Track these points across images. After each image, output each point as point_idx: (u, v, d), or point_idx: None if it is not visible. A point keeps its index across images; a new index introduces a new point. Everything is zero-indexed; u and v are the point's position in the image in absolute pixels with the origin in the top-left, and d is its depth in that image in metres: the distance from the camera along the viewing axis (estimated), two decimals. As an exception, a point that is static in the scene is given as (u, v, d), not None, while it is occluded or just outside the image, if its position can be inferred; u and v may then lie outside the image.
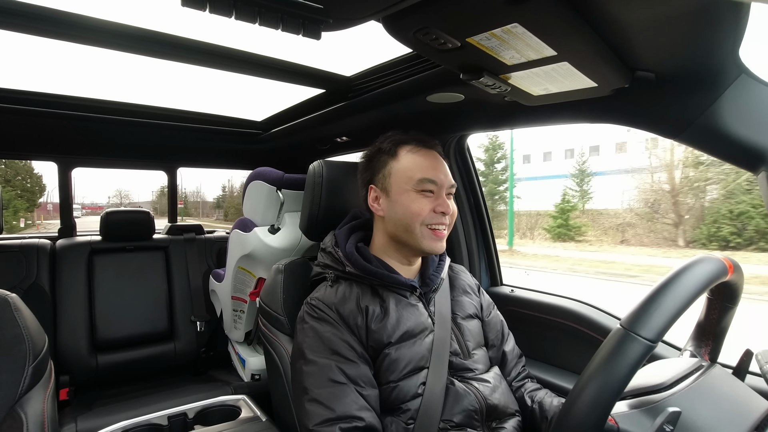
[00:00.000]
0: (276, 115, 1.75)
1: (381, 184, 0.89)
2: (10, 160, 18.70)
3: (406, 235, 0.86)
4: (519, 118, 1.09)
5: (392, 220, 0.87)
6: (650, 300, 0.49)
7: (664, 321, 0.48)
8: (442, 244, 0.87)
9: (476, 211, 1.44)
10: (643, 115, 0.83)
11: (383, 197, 0.89)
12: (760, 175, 0.69)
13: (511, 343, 0.99)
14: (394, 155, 0.88)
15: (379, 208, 0.89)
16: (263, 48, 1.07)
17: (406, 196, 0.85)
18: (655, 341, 0.47)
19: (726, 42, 0.60)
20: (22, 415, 0.70)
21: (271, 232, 1.51)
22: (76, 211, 16.17)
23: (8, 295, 0.77)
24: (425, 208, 0.84)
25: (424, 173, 0.85)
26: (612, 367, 0.46)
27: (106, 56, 1.05)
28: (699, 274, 0.52)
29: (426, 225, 0.84)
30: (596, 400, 0.46)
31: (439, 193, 0.85)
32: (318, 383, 0.74)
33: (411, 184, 0.85)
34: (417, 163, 0.86)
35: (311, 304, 0.84)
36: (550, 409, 0.85)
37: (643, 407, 0.54)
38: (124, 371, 1.82)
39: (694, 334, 0.70)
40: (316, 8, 0.60)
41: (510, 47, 0.64)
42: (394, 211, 0.87)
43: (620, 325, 0.49)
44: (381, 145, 0.91)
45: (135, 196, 50.30)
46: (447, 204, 0.85)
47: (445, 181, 0.86)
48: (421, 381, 0.80)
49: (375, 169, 0.90)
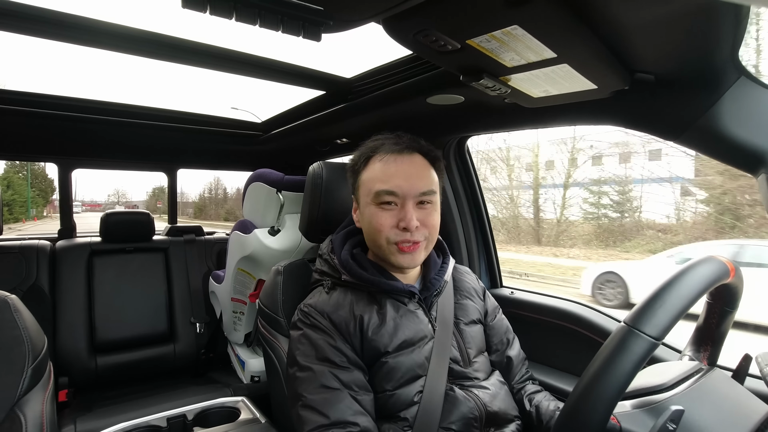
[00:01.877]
0: (276, 117, 1.75)
1: (356, 195, 0.88)
2: (32, 167, 22.47)
3: (376, 250, 0.84)
4: (519, 120, 1.09)
5: (365, 233, 0.86)
6: (654, 298, 0.50)
7: (667, 319, 0.48)
8: (414, 257, 0.81)
9: (476, 213, 1.44)
10: (642, 117, 0.84)
11: (358, 209, 0.87)
12: (759, 178, 0.69)
13: (516, 348, 0.97)
14: (364, 165, 0.85)
15: (357, 220, 0.89)
16: (263, 50, 1.07)
17: (368, 210, 0.82)
18: (659, 339, 0.47)
19: (725, 44, 0.60)
20: (21, 417, 0.70)
21: (271, 233, 1.51)
22: (76, 208, 16.23)
23: (8, 296, 0.77)
24: (385, 224, 0.79)
25: (383, 184, 0.80)
26: (616, 363, 0.46)
27: (107, 58, 1.07)
28: (702, 274, 0.53)
29: (392, 242, 0.80)
30: (600, 396, 0.46)
31: (403, 204, 0.79)
32: (311, 389, 0.74)
33: (370, 197, 0.82)
34: (377, 173, 0.81)
35: (304, 311, 0.83)
36: (546, 413, 0.84)
37: (645, 407, 0.54)
38: (124, 373, 1.82)
39: (692, 339, 0.69)
40: (316, 10, 0.60)
41: (510, 49, 0.64)
42: (363, 224, 0.85)
43: (624, 322, 0.49)
44: (360, 153, 0.88)
45: (131, 196, 50.91)
46: (410, 217, 0.78)
47: (408, 190, 0.79)
48: (419, 389, 0.78)
49: (353, 180, 0.89)
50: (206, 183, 43.98)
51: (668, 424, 0.47)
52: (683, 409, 0.48)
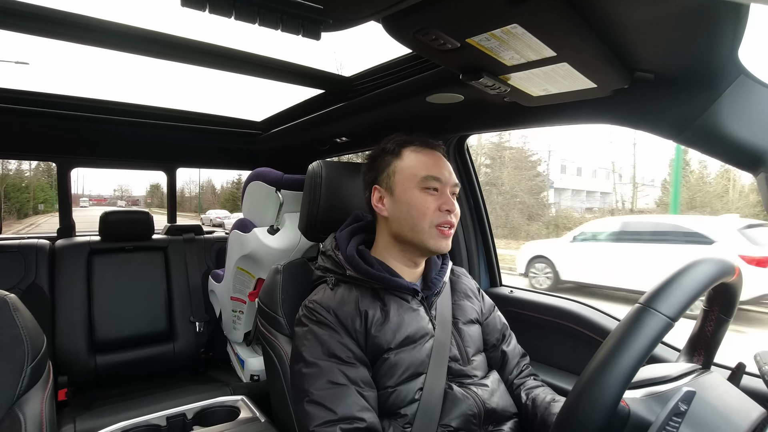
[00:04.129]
0: (275, 116, 1.75)
1: (385, 183, 0.89)
2: (47, 168, 23.98)
3: (411, 234, 0.85)
4: (519, 118, 1.09)
5: (397, 220, 0.87)
6: (670, 281, 0.51)
7: (682, 300, 0.49)
8: (448, 243, 0.86)
9: (476, 212, 1.45)
10: (642, 115, 0.83)
11: (387, 197, 0.88)
12: (759, 176, 0.69)
13: (512, 343, 0.98)
14: (398, 155, 0.89)
15: (384, 208, 0.89)
16: (263, 48, 1.07)
17: (411, 193, 0.85)
18: (674, 319, 0.48)
19: (725, 43, 0.60)
20: (20, 416, 0.70)
21: (270, 232, 1.51)
22: (84, 202, 16.64)
23: (7, 295, 0.77)
24: (430, 207, 0.84)
25: (428, 171, 0.85)
26: (632, 340, 0.47)
27: (106, 56, 1.07)
28: (713, 265, 0.54)
29: (434, 225, 0.84)
30: (616, 372, 0.46)
31: (443, 190, 0.85)
32: (318, 385, 0.74)
33: (415, 181, 0.85)
34: (421, 161, 0.87)
35: (309, 308, 0.84)
36: (542, 404, 0.85)
37: (652, 395, 0.54)
38: (123, 372, 1.82)
39: (686, 348, 0.70)
40: (316, 8, 0.60)
41: (510, 48, 0.64)
42: (398, 210, 0.86)
43: (639, 302, 0.50)
44: (385, 146, 0.91)
45: (133, 191, 51.59)
46: (452, 202, 0.85)
47: (449, 180, 0.86)
48: (419, 386, 0.79)
49: (379, 170, 0.90)
50: (184, 180, 44.34)
51: (680, 404, 0.47)
52: (695, 391, 0.48)
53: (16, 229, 14.23)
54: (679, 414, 0.47)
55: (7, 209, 16.85)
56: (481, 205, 1.44)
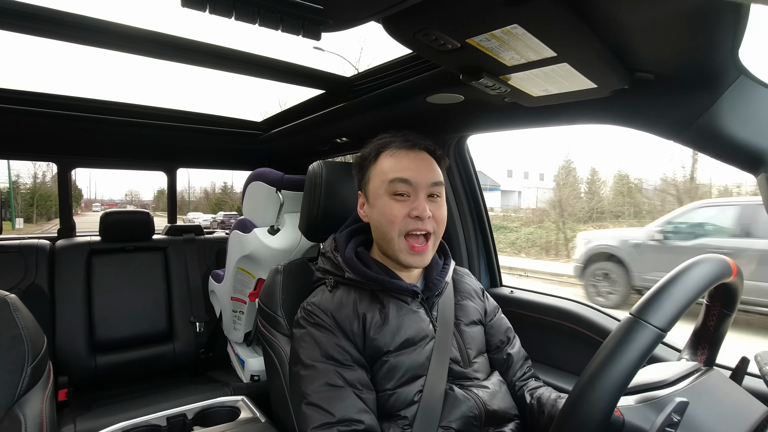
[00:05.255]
0: (276, 116, 1.75)
1: (365, 190, 0.88)
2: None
3: (385, 245, 0.84)
4: (519, 119, 1.09)
5: (374, 229, 0.86)
6: (660, 290, 0.50)
7: (673, 310, 0.48)
8: (422, 258, 0.82)
9: (476, 213, 1.44)
10: (642, 116, 0.83)
11: (367, 204, 0.87)
12: (759, 177, 0.69)
13: (516, 346, 0.97)
14: (374, 160, 0.86)
15: (365, 215, 0.88)
16: (263, 49, 1.07)
17: (381, 200, 0.83)
18: (665, 330, 0.47)
19: (725, 43, 0.60)
20: (20, 416, 0.70)
21: (270, 232, 1.50)
22: (96, 207, 17.01)
23: (7, 295, 0.77)
24: (398, 214, 0.80)
25: (396, 173, 0.81)
26: (622, 353, 0.46)
27: (106, 57, 1.07)
28: (707, 269, 0.53)
29: (403, 235, 0.81)
30: (606, 385, 0.45)
31: (416, 194, 0.81)
32: (316, 387, 0.74)
33: (384, 187, 0.82)
34: (391, 164, 0.83)
35: (307, 310, 0.84)
36: (548, 402, 0.84)
37: (647, 401, 0.54)
38: (123, 372, 1.82)
39: (690, 342, 0.69)
40: (316, 9, 0.60)
41: (510, 48, 0.63)
42: (373, 218, 0.85)
43: (630, 313, 0.49)
44: (364, 151, 0.89)
45: (143, 196, 52.18)
46: (423, 206, 0.80)
47: (422, 180, 0.81)
48: (419, 389, 0.78)
49: (361, 175, 0.89)
50: (183, 184, 44.87)
51: (673, 415, 0.47)
52: (688, 401, 0.48)
53: (44, 228, 18.25)
54: (672, 425, 0.47)
55: (39, 213, 23.78)
56: (482, 205, 1.44)
